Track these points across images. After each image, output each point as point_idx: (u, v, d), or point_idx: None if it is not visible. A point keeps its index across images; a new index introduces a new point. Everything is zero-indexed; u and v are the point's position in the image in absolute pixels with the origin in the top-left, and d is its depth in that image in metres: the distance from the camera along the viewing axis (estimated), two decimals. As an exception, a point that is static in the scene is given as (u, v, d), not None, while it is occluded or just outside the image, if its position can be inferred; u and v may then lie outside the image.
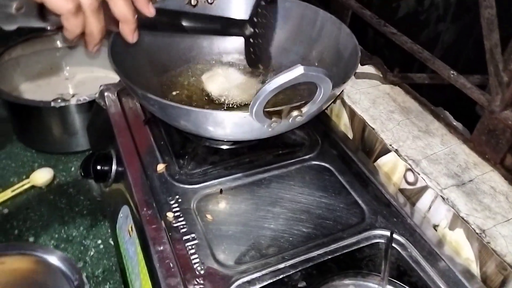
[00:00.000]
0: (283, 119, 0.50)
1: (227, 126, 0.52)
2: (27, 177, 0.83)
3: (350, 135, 0.70)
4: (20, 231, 0.74)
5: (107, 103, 0.73)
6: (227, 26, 0.63)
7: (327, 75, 0.44)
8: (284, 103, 0.66)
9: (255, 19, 0.62)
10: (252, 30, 0.63)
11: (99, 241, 0.74)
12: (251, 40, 0.63)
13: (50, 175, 0.83)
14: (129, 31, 0.48)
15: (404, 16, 1.12)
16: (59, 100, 0.77)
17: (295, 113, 0.50)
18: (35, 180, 0.82)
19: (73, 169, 0.87)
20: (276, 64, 0.75)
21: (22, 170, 0.86)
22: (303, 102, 0.50)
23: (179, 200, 0.57)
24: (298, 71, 0.42)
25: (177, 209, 0.56)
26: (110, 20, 0.46)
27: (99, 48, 0.49)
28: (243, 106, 0.68)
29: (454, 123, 0.72)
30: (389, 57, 0.92)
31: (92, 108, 0.80)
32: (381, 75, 0.74)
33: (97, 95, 0.76)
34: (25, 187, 0.81)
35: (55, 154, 0.89)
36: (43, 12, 0.41)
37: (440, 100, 0.78)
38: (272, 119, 0.49)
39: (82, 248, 0.72)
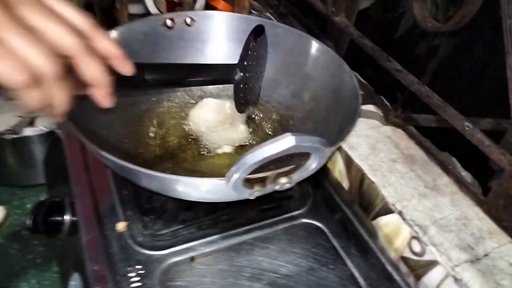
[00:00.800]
0: (268, 187, 0.41)
1: (200, 191, 0.42)
2: (-25, 215, 0.73)
3: (346, 184, 0.61)
4: (-40, 283, 0.64)
5: (64, 136, 0.63)
6: (214, 75, 0.53)
7: (323, 143, 0.35)
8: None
9: (245, 63, 0.53)
10: (241, 75, 0.53)
11: (52, 299, 0.63)
12: (241, 85, 0.53)
13: (1, 214, 0.72)
14: (104, 96, 0.38)
15: (403, 34, 1.04)
16: (8, 134, 0.66)
17: (283, 180, 0.41)
18: (-17, 220, 0.71)
19: (29, 205, 0.76)
20: (264, 97, 0.65)
21: (-30, 206, 0.75)
22: (292, 167, 0.40)
23: (141, 271, 0.47)
24: (288, 142, 0.33)
25: (138, 284, 0.46)
26: (78, 83, 0.36)
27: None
28: (226, 155, 0.59)
29: (463, 174, 0.64)
30: (387, 80, 0.83)
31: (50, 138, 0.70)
32: (382, 115, 0.65)
33: (54, 125, 0.66)
34: (-29, 228, 0.71)
35: (10, 187, 0.79)
36: None
37: (445, 140, 0.70)
38: (254, 188, 0.40)
39: (31, 307, 0.62)
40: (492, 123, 0.61)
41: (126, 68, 0.38)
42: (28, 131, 0.71)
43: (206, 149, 0.59)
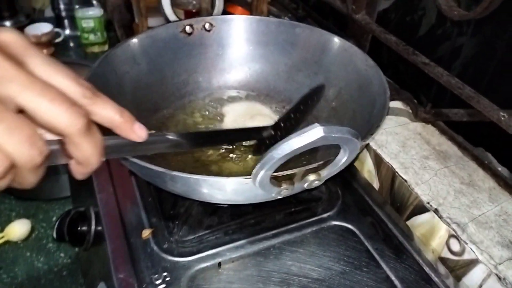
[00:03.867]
0: (296, 185, 0.39)
1: (226, 192, 0.41)
2: (3, 229, 0.73)
3: (376, 184, 0.59)
4: (-11, 297, 0.64)
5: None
6: (246, 137, 0.52)
7: (354, 135, 0.33)
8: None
9: (282, 124, 0.50)
10: (272, 133, 0.50)
11: (79, 312, 0.62)
12: (267, 141, 0.50)
13: (27, 227, 0.72)
14: (81, 173, 0.31)
15: (424, 34, 1.01)
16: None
17: (311, 177, 0.39)
18: (10, 234, 0.71)
19: (54, 218, 0.76)
20: (286, 99, 0.64)
21: (-3, 221, 0.76)
22: (321, 163, 0.39)
23: (167, 278, 0.46)
24: (316, 133, 0.31)
25: (164, 291, 0.44)
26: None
27: None
28: (253, 159, 0.57)
29: (500, 169, 0.60)
30: (407, 73, 0.80)
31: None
32: (411, 111, 0.63)
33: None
34: (-1, 242, 0.71)
35: (36, 201, 0.79)
36: None
37: (477, 135, 0.67)
38: (282, 187, 0.38)
39: (58, 320, 0.61)
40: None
41: (135, 135, 0.32)
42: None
43: (234, 154, 0.57)
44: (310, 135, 0.31)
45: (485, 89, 0.67)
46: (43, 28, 1.13)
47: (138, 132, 0.33)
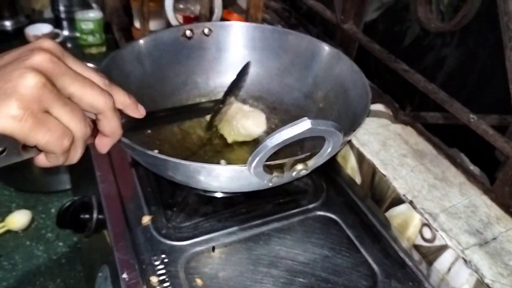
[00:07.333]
0: (286, 174, 0.44)
1: (222, 180, 0.45)
2: (3, 219, 0.76)
3: (358, 179, 0.64)
4: (-9, 283, 0.67)
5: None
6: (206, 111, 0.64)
7: (337, 128, 0.38)
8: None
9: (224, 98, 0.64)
10: (220, 106, 0.63)
11: (77, 296, 0.66)
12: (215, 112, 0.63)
13: (27, 218, 0.76)
14: (107, 145, 0.40)
15: (410, 44, 1.07)
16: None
17: (299, 166, 0.44)
18: (10, 224, 0.74)
19: (53, 210, 0.80)
20: (277, 101, 0.69)
21: (-2, 211, 0.79)
22: (308, 154, 0.43)
23: (165, 260, 0.50)
24: (304, 125, 0.35)
25: (163, 271, 0.49)
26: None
27: None
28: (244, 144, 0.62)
29: (471, 168, 0.66)
30: (393, 83, 0.86)
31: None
32: (391, 114, 0.68)
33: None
34: (0, 231, 0.74)
35: (35, 193, 0.82)
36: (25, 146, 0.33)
37: (453, 138, 0.72)
38: (273, 174, 0.43)
39: (58, 304, 0.65)
40: (498, 118, 0.64)
41: (139, 113, 0.41)
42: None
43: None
44: (300, 126, 0.36)
45: (466, 98, 0.73)
46: (43, 28, 1.17)
47: (140, 111, 0.42)
